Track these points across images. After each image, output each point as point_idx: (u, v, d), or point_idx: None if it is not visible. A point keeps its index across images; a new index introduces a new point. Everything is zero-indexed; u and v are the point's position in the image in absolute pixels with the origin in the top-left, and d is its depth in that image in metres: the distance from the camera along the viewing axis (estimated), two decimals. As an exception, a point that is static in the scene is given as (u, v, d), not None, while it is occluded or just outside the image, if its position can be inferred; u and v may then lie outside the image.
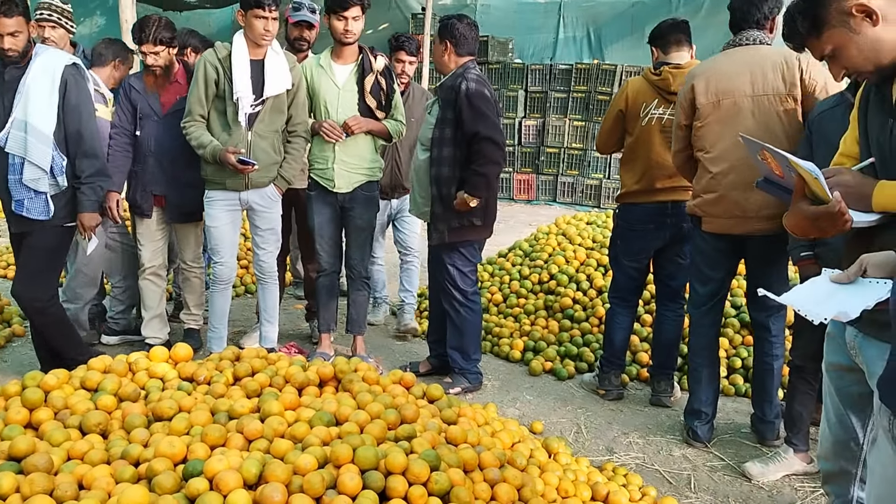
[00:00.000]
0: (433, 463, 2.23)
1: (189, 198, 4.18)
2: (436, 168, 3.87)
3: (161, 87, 4.17)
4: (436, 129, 3.86)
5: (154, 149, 4.14)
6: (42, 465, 2.21)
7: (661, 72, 3.78)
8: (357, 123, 4.06)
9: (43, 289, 3.70)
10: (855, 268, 1.70)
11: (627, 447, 3.62)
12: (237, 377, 2.93)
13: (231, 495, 2.02)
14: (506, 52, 11.49)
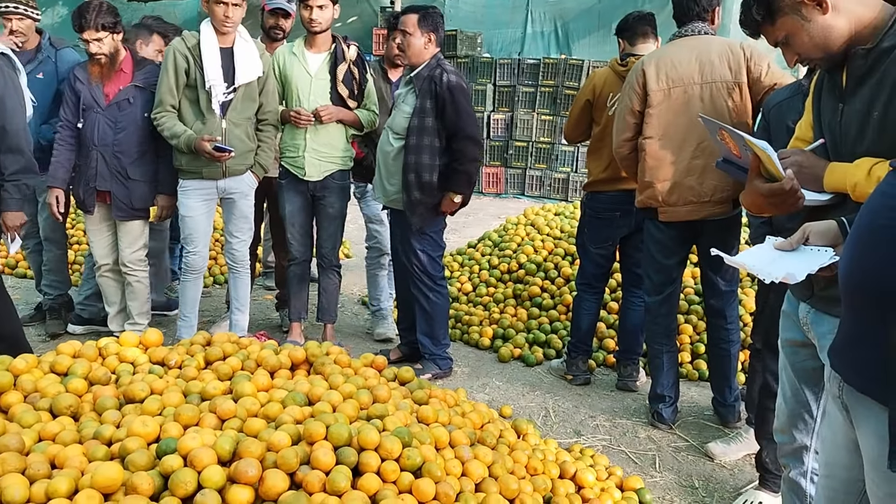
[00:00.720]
0: (405, 440, 2.28)
1: (135, 194, 4.04)
2: (414, 156, 3.86)
3: (106, 77, 3.98)
4: (413, 117, 3.86)
5: (97, 142, 3.96)
6: (13, 445, 2.21)
7: (628, 63, 3.86)
8: (328, 112, 4.07)
9: None
10: (798, 235, 1.79)
11: (594, 430, 3.70)
12: (208, 361, 2.94)
13: (206, 471, 2.04)
14: (474, 46, 11.54)
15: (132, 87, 3.99)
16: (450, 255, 5.91)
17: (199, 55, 3.82)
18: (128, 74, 4.02)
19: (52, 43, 4.41)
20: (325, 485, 2.07)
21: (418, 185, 3.89)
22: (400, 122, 3.94)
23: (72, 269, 5.35)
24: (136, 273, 4.19)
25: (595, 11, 11.83)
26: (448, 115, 3.84)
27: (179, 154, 3.94)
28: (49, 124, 4.26)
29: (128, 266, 4.18)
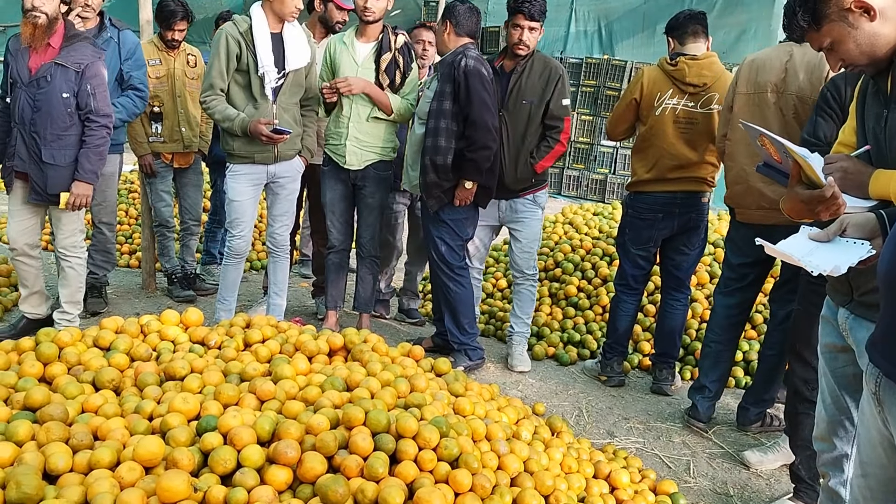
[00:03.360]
0: (443, 430, 2.27)
1: (52, 178, 3.76)
2: (432, 139, 3.89)
3: (36, 46, 3.67)
4: (434, 101, 3.90)
5: (18, 120, 3.69)
6: (58, 414, 2.25)
7: (678, 62, 3.81)
8: (346, 84, 4.02)
9: None
10: (835, 227, 1.76)
11: (628, 432, 3.66)
12: (248, 343, 2.97)
13: (245, 450, 2.05)
14: (516, 43, 11.47)
15: (52, 63, 3.69)
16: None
17: (252, 40, 3.82)
18: (54, 49, 3.71)
19: (115, 24, 4.46)
20: (362, 470, 2.07)
21: (433, 168, 3.91)
22: (423, 107, 4.00)
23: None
24: (71, 259, 4.00)
25: (640, 12, 11.71)
26: (462, 97, 3.84)
27: (231, 138, 3.92)
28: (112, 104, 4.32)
29: (62, 252, 3.99)
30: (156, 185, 4.97)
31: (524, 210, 4.21)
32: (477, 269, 4.48)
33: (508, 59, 4.10)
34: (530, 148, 4.06)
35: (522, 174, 4.08)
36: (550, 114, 4.03)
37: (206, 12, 12.24)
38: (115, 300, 4.98)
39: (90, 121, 3.81)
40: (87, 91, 3.76)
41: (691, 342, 4.50)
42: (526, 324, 4.38)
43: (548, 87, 4.00)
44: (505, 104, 4.03)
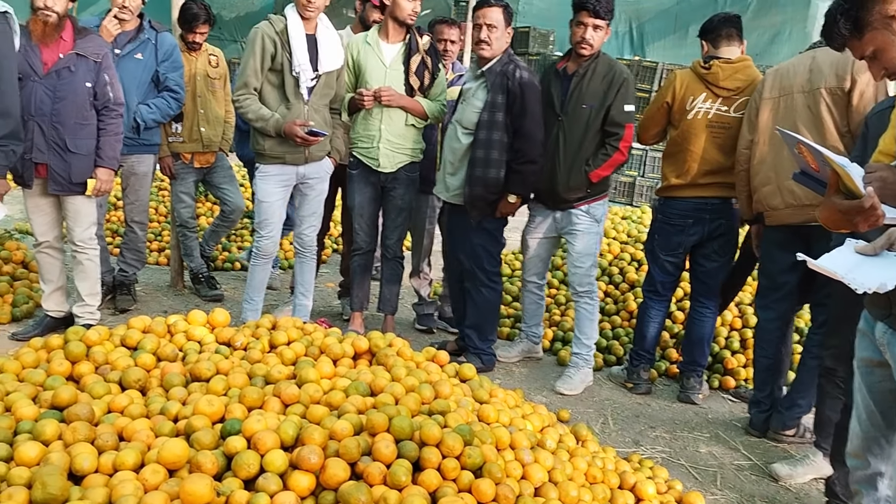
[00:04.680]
0: (467, 438, 2.25)
1: (74, 167, 3.81)
2: (483, 151, 3.85)
3: (48, 42, 3.71)
4: (484, 112, 3.85)
5: (34, 112, 3.70)
6: (84, 414, 2.26)
7: (711, 66, 3.75)
8: (389, 95, 4.04)
9: None
10: (883, 240, 1.71)
11: (654, 441, 3.61)
12: (273, 345, 2.97)
13: (268, 455, 2.05)
14: (546, 43, 11.41)
15: (74, 55, 3.75)
16: (512, 254, 5.86)
17: (287, 40, 3.82)
18: (68, 42, 3.77)
19: (153, 26, 4.51)
20: (385, 477, 2.06)
21: (483, 181, 3.88)
22: (470, 117, 3.91)
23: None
24: (88, 251, 4.04)
25: (672, 13, 11.61)
26: (515, 111, 3.83)
27: (262, 138, 3.91)
28: (146, 104, 4.37)
29: (78, 245, 4.02)
30: (176, 187, 5.00)
31: (577, 222, 4.01)
32: (536, 285, 4.32)
33: (572, 60, 3.93)
34: (586, 155, 3.87)
35: (576, 182, 3.90)
36: (611, 120, 3.82)
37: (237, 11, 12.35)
38: (143, 297, 5.03)
39: (108, 109, 3.88)
40: (104, 80, 3.85)
41: (720, 350, 4.43)
42: (585, 345, 4.12)
43: (610, 90, 3.81)
44: (563, 108, 3.88)
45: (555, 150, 3.92)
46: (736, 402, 4.17)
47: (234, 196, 5.20)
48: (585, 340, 4.13)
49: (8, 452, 2.09)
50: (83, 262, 4.06)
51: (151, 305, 4.91)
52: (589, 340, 4.13)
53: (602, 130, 3.86)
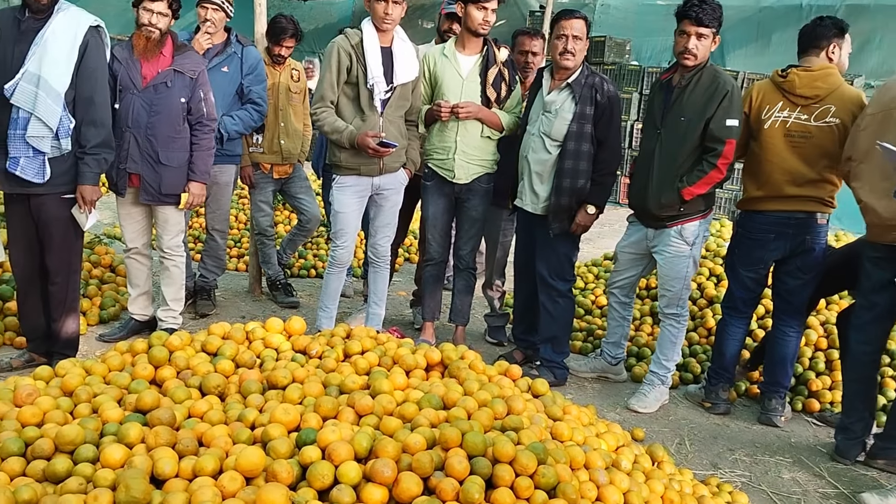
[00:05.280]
0: (541, 456, 2.21)
1: (165, 179, 3.95)
2: (572, 161, 3.87)
3: (148, 57, 3.87)
4: (573, 123, 3.84)
5: (131, 124, 3.85)
6: (166, 419, 2.33)
7: (788, 73, 3.63)
8: (467, 110, 4.05)
9: (63, 261, 3.61)
10: None
11: (733, 464, 3.49)
12: (347, 354, 3.00)
13: (342, 466, 2.06)
14: (622, 53, 11.26)
15: (171, 70, 3.89)
16: (585, 266, 5.77)
17: (362, 53, 3.87)
18: (167, 58, 3.92)
19: (239, 39, 4.64)
20: (458, 494, 2.04)
21: (570, 191, 3.89)
22: (560, 129, 3.89)
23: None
24: (175, 258, 4.19)
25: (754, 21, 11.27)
26: (603, 124, 3.85)
27: (338, 150, 3.97)
28: (230, 116, 4.50)
29: (165, 252, 4.17)
30: (255, 196, 5.12)
31: (667, 243, 3.83)
32: (618, 300, 4.20)
33: (678, 72, 3.78)
34: (682, 171, 3.69)
35: (668, 199, 3.72)
36: (710, 134, 3.61)
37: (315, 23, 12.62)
38: (222, 303, 5.17)
39: (201, 124, 4.00)
40: (199, 97, 3.97)
41: (804, 371, 4.26)
42: (663, 365, 3.98)
43: (711, 103, 3.60)
44: (663, 121, 3.77)
45: (649, 164, 3.80)
46: (821, 426, 4.00)
47: (310, 206, 5.29)
48: (665, 362, 4.00)
49: (94, 454, 2.16)
50: (169, 269, 4.20)
51: (230, 310, 5.04)
52: (669, 363, 4.00)
53: (701, 146, 3.67)
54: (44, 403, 2.43)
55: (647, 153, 3.83)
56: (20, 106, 3.28)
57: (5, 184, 3.44)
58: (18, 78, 3.27)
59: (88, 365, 2.81)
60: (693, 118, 3.65)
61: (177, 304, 4.28)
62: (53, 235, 3.53)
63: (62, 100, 3.34)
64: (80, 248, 3.75)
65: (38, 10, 3.33)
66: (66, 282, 3.65)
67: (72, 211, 3.53)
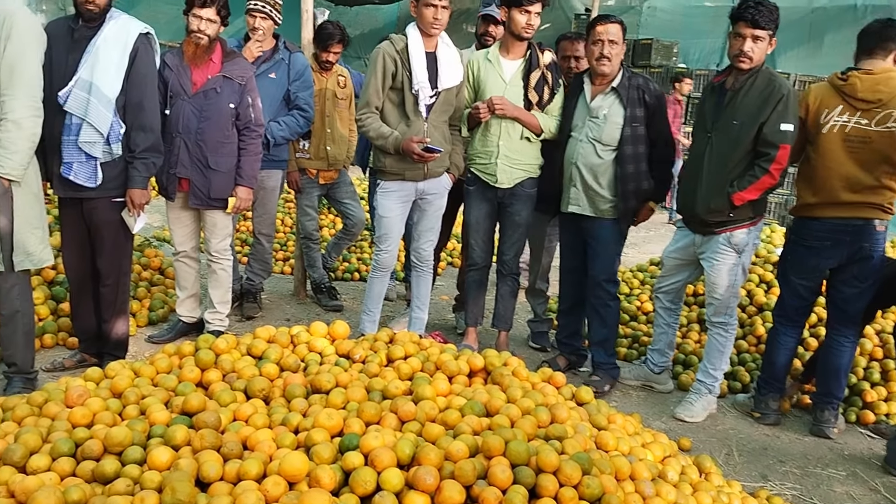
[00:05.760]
0: (585, 466, 2.18)
1: (214, 184, 4.01)
2: (633, 165, 3.90)
3: (198, 63, 3.94)
4: (626, 127, 3.85)
5: (181, 129, 3.93)
6: (212, 422, 2.35)
7: (848, 76, 3.52)
8: (501, 105, 4.02)
9: (114, 263, 3.68)
10: None
11: (783, 476, 3.40)
12: (391, 359, 3.00)
13: (385, 472, 2.06)
14: (670, 56, 11.10)
15: (221, 77, 3.95)
16: (630, 272, 5.70)
17: (408, 58, 3.87)
18: (216, 64, 3.97)
19: (287, 46, 4.70)
20: (500, 503, 2.02)
21: (636, 194, 3.95)
22: (612, 133, 3.88)
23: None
24: (223, 262, 4.26)
25: (806, 22, 11.02)
26: (656, 123, 3.91)
27: (382, 155, 3.97)
28: (277, 121, 4.55)
29: (213, 255, 4.23)
30: (301, 201, 5.16)
31: (715, 250, 3.74)
32: (663, 306, 4.14)
33: (731, 75, 3.68)
34: (733, 176, 3.59)
35: (717, 205, 3.62)
36: (763, 139, 3.51)
37: (361, 28, 12.72)
38: (268, 305, 5.22)
39: (249, 130, 4.05)
40: (247, 102, 4.02)
41: (858, 382, 4.13)
42: (710, 374, 3.90)
43: (765, 107, 3.50)
44: (714, 124, 3.67)
45: (698, 168, 3.71)
46: (875, 438, 3.87)
47: (355, 210, 5.32)
48: (712, 371, 3.92)
49: (141, 455, 2.19)
50: (217, 272, 4.27)
51: (275, 313, 5.09)
52: (716, 372, 3.92)
53: (754, 150, 3.57)
54: (94, 405, 2.48)
55: (697, 157, 3.75)
56: (73, 112, 3.36)
57: (59, 188, 3.52)
58: (71, 85, 3.35)
59: (137, 367, 2.87)
60: (746, 122, 3.55)
61: (223, 307, 4.34)
62: (105, 238, 3.61)
63: (113, 106, 3.41)
64: (131, 250, 3.83)
65: (90, 19, 3.41)
66: (117, 284, 3.73)
67: (122, 214, 3.61)
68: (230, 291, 4.40)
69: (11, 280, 3.29)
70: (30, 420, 2.47)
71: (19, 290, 3.36)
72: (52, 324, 4.17)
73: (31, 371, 3.52)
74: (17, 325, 3.38)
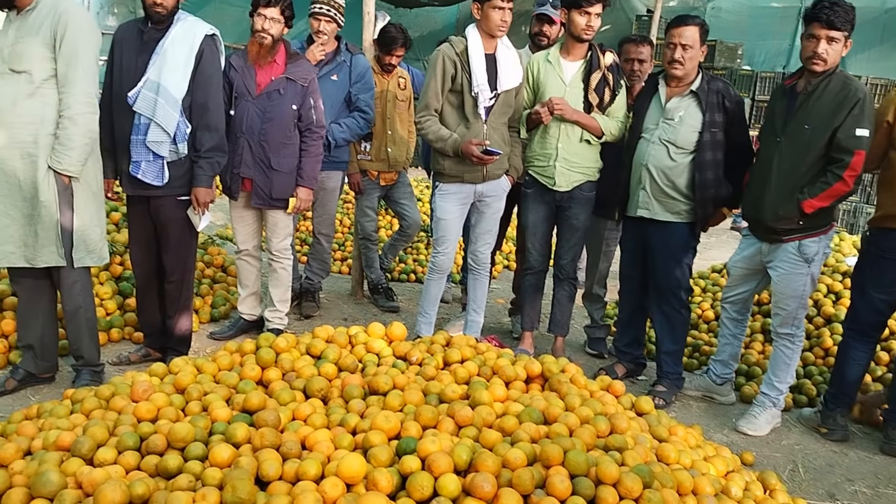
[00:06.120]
0: (646, 479, 2.13)
1: (275, 184, 4.06)
2: (712, 171, 3.81)
3: (262, 63, 3.99)
4: (704, 132, 3.76)
5: (245, 130, 3.98)
6: (271, 421, 2.38)
7: None
8: (560, 105, 3.96)
9: (179, 260, 3.76)
10: None
11: (852, 496, 3.26)
12: (447, 362, 2.99)
13: (442, 478, 2.05)
14: (734, 57, 10.83)
15: (284, 78, 3.99)
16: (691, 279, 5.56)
17: (467, 60, 3.86)
18: (280, 66, 4.02)
19: (349, 48, 4.74)
20: (559, 514, 1.99)
21: (714, 201, 3.88)
22: (687, 137, 3.79)
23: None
24: (283, 261, 4.31)
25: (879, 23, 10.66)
26: (735, 129, 3.82)
27: (441, 158, 3.97)
28: (338, 123, 4.60)
29: (274, 254, 4.30)
30: (361, 202, 5.19)
31: (784, 259, 3.62)
32: (730, 316, 4.02)
33: (804, 78, 3.55)
34: (803, 182, 3.47)
35: (786, 211, 3.51)
36: (837, 144, 3.37)
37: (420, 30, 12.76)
38: (326, 304, 5.28)
39: (311, 131, 4.09)
40: (309, 104, 4.06)
41: (933, 399, 3.94)
42: (775, 387, 3.76)
43: (839, 111, 3.36)
44: (784, 129, 3.55)
45: (766, 173, 3.58)
46: (952, 459, 3.69)
47: (412, 212, 5.33)
48: (777, 383, 3.78)
49: (203, 451, 2.23)
50: (277, 270, 4.33)
51: (333, 312, 5.14)
52: (781, 384, 3.78)
53: (826, 156, 3.43)
54: (158, 400, 2.53)
55: (765, 162, 3.64)
56: (141, 112, 3.45)
57: (128, 186, 3.62)
58: (140, 86, 3.44)
59: (200, 363, 2.92)
60: (819, 126, 3.42)
61: (283, 305, 4.39)
62: (170, 235, 3.69)
63: (179, 106, 3.49)
64: (195, 248, 3.91)
65: (159, 21, 3.50)
66: (182, 280, 3.81)
67: (187, 212, 3.69)
68: (290, 290, 4.45)
69: (73, 276, 3.38)
70: (97, 413, 2.55)
71: (81, 287, 3.44)
72: (118, 318, 4.29)
73: (98, 364, 3.62)
74: (80, 321, 3.47)
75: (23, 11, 3.15)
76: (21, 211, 3.19)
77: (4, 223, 3.18)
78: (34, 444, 2.39)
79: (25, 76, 3.12)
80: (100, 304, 4.30)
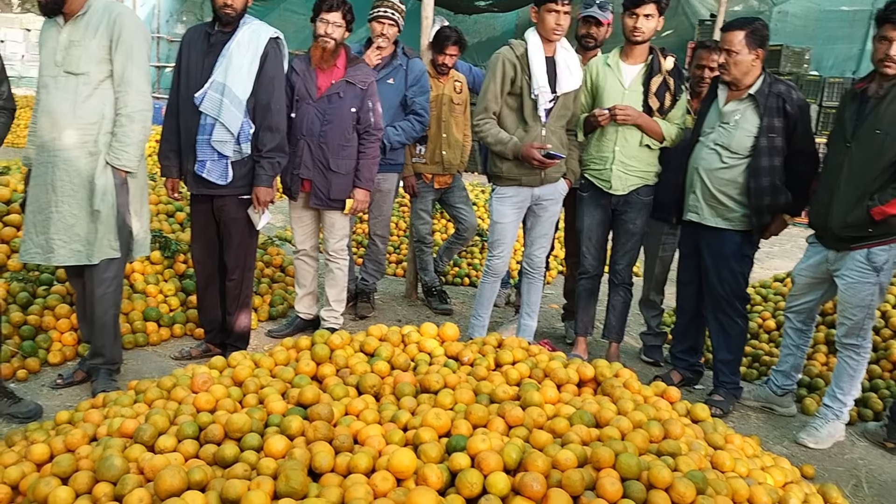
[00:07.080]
0: (700, 486, 2.09)
1: (334, 185, 4.12)
2: (768, 178, 3.69)
3: (324, 67, 4.07)
4: (761, 137, 3.66)
5: (305, 132, 4.06)
6: (325, 414, 2.42)
7: None
8: (624, 113, 3.92)
9: (240, 258, 3.85)
10: None
11: (919, 514, 3.15)
12: (499, 363, 2.99)
13: (492, 476, 2.05)
14: (801, 62, 10.56)
15: (343, 81, 4.06)
16: (752, 288, 5.44)
17: (527, 63, 3.86)
18: (340, 70, 4.09)
19: (406, 52, 4.80)
20: (609, 516, 1.97)
21: (771, 208, 3.76)
22: (742, 142, 3.71)
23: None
24: (339, 261, 4.37)
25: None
26: (798, 134, 3.69)
27: (499, 161, 3.98)
28: (394, 126, 4.65)
29: (331, 255, 4.36)
30: (416, 205, 5.23)
31: (851, 268, 3.50)
32: (793, 326, 3.91)
33: (875, 81, 3.45)
34: (873, 189, 3.35)
35: (855, 219, 3.40)
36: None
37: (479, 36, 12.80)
38: (380, 305, 5.33)
39: (368, 134, 4.15)
40: (368, 107, 4.12)
41: None
42: (839, 399, 3.65)
43: None
44: (854, 134, 3.44)
45: (835, 179, 3.49)
46: None
47: (468, 215, 5.35)
48: (841, 396, 3.66)
49: (259, 442, 2.29)
50: (334, 271, 4.40)
51: (387, 313, 5.19)
52: (845, 397, 3.65)
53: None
54: (217, 391, 2.61)
55: (834, 168, 3.53)
56: (207, 113, 3.56)
57: (193, 185, 3.73)
58: (207, 87, 3.55)
59: (257, 358, 2.99)
60: (892, 131, 3.30)
61: (339, 305, 4.46)
62: (232, 234, 3.79)
63: (244, 107, 3.59)
64: (255, 247, 4.00)
65: (227, 23, 3.60)
66: (242, 279, 3.90)
67: (248, 211, 3.77)
68: (346, 290, 4.52)
69: (111, 271, 3.40)
70: (159, 402, 2.64)
71: (117, 283, 3.47)
72: (181, 314, 4.42)
73: (116, 362, 3.61)
74: (108, 318, 3.46)
75: (73, 17, 3.24)
76: (85, 209, 3.29)
77: (71, 223, 3.28)
78: (99, 431, 2.49)
79: (83, 78, 3.23)
80: (163, 301, 4.45)
